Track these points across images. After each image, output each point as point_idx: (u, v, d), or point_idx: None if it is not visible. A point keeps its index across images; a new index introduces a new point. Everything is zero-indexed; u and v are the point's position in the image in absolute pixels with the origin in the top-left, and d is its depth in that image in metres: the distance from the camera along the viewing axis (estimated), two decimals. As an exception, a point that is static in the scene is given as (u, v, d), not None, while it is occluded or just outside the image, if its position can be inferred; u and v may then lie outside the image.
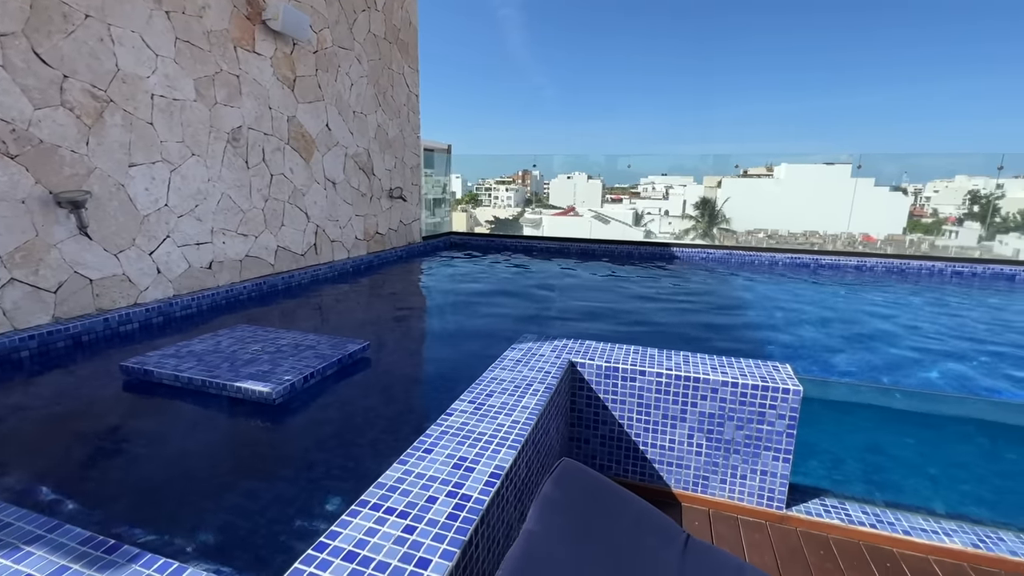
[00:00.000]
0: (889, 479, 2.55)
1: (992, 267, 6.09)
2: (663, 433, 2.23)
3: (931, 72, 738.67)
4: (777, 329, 4.43)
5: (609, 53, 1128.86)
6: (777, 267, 6.87)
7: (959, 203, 26.42)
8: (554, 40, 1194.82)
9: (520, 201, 36.20)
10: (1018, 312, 5.11)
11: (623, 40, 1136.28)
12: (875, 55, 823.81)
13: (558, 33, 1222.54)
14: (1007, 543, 1.94)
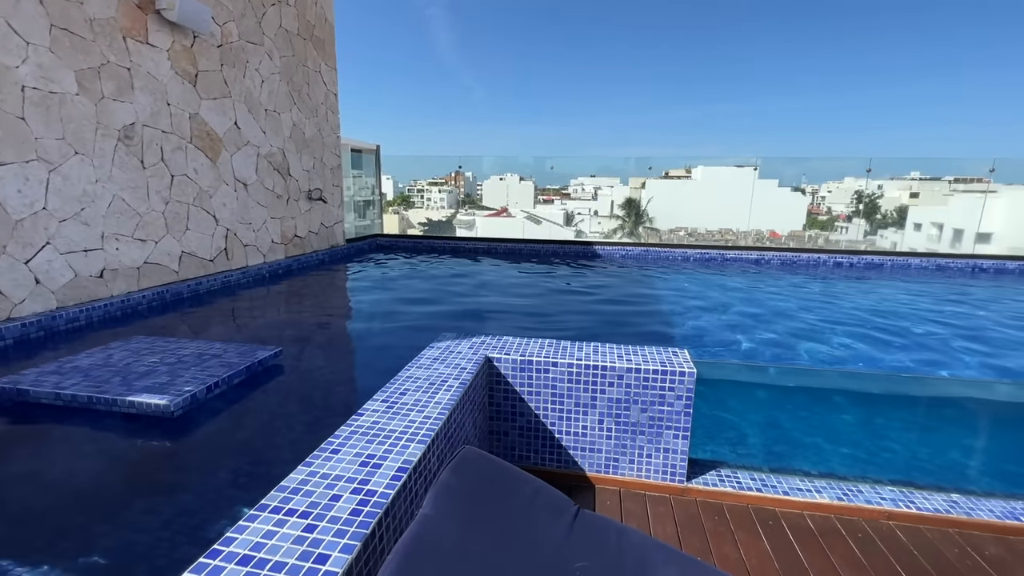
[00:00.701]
0: (776, 447, 2.85)
1: (872, 258, 6.98)
2: (576, 420, 2.35)
3: (826, 84, 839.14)
4: (684, 317, 4.78)
5: (535, 58, 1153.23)
6: (689, 262, 7.40)
7: (848, 202, 29.67)
8: (482, 42, 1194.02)
9: (453, 203, 36.02)
10: (888, 297, 5.87)
11: (549, 46, 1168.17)
12: (775, 66, 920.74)
13: (485, 35, 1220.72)
14: (864, 494, 2.24)
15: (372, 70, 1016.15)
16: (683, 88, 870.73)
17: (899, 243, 25.60)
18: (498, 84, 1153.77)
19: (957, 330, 4.47)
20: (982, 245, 20.42)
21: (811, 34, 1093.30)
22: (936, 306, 5.48)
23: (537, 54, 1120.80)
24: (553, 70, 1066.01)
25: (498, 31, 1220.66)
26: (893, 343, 4.15)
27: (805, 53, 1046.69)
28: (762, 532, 2.05)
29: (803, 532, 2.05)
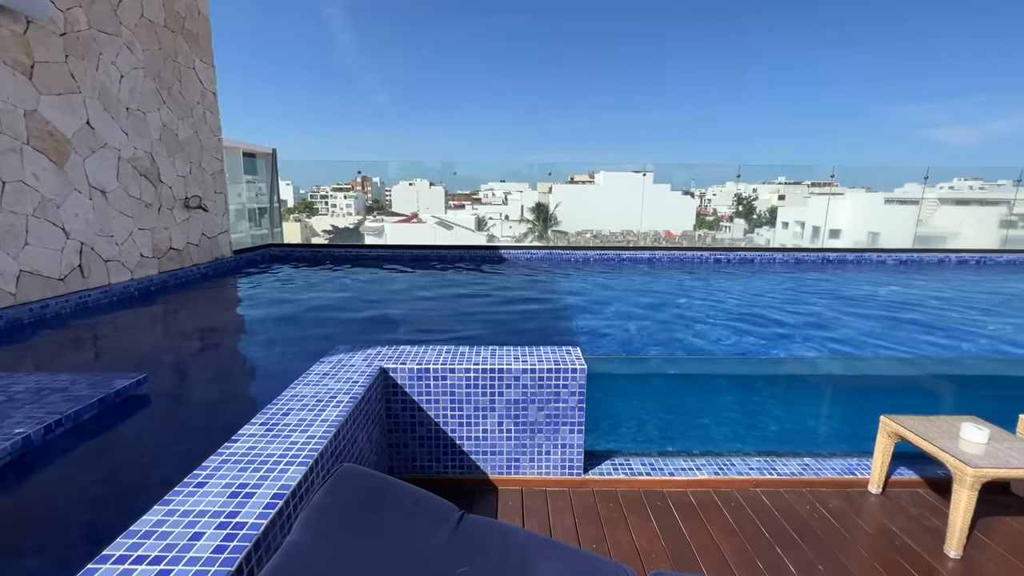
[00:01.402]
0: (666, 432, 3.08)
1: (749, 254, 7.85)
2: (476, 425, 2.35)
3: (707, 97, 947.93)
4: (582, 315, 5.02)
5: (439, 66, 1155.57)
6: (591, 263, 7.79)
7: (730, 204, 32.93)
8: (383, 46, 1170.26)
9: (361, 208, 34.68)
10: (760, 289, 6.63)
11: (452, 55, 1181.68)
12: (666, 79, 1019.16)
13: (386, 39, 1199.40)
14: (736, 467, 2.49)
15: (270, 72, 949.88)
16: (579, 99, 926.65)
17: (772, 239, 28.90)
18: (402, 89, 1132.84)
19: (807, 317, 5.16)
20: (833, 240, 23.69)
21: (690, 51, 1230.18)
22: (795, 295, 6.27)
23: (440, 63, 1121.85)
24: (456, 79, 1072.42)
25: (398, 36, 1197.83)
26: (760, 329, 4.67)
27: (688, 67, 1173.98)
28: (651, 514, 2.20)
29: (686, 508, 2.23)
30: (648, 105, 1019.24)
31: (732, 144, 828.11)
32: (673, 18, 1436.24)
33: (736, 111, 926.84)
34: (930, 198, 21.21)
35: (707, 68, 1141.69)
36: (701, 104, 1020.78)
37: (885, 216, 21.71)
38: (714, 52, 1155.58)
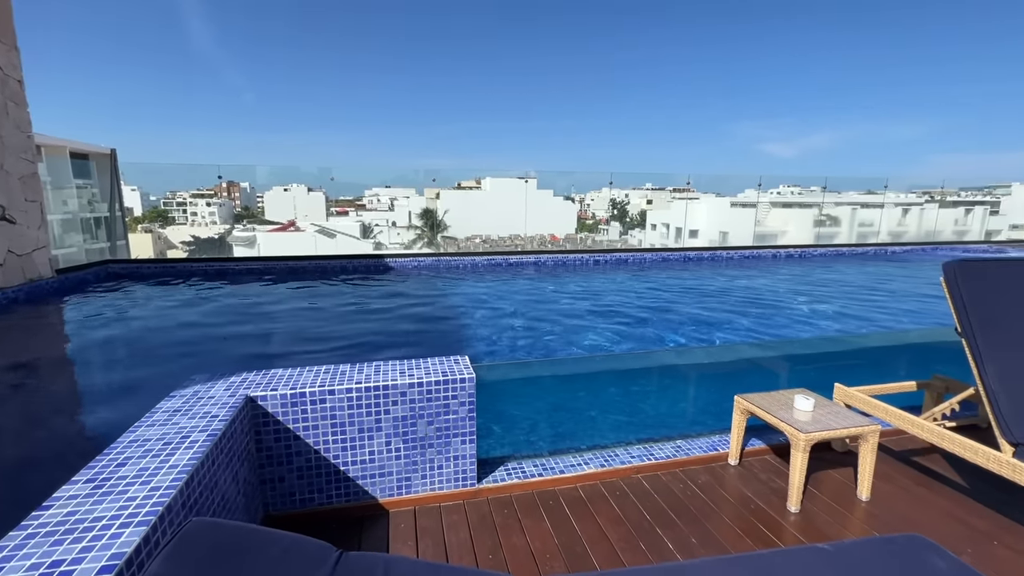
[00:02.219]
0: (556, 430, 3.18)
1: (624, 255, 8.53)
2: (362, 447, 2.21)
3: (583, 107, 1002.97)
4: (470, 322, 5.04)
5: (313, 66, 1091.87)
6: (480, 269, 7.85)
7: (606, 208, 35.31)
8: (248, 42, 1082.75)
9: (228, 217, 31.46)
10: (634, 286, 7.22)
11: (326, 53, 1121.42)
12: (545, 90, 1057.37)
13: (250, 34, 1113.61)
14: (619, 457, 2.65)
15: (114, 66, 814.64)
16: (465, 103, 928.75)
17: (643, 240, 31.63)
18: (272, 88, 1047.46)
19: (673, 309, 5.73)
20: (692, 239, 26.58)
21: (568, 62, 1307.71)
22: (664, 290, 6.94)
23: (313, 62, 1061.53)
24: (332, 78, 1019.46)
25: (268, 32, 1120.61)
26: (635, 323, 5.08)
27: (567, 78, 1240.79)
28: (544, 514, 2.24)
29: (577, 504, 2.31)
30: (531, 113, 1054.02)
31: (606, 152, 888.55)
32: (551, 35, 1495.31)
33: (610, 122, 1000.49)
34: (764, 202, 24.84)
35: (584, 80, 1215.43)
36: (578, 114, 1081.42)
37: (732, 218, 24.96)
38: (589, 66, 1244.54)
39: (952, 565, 1.36)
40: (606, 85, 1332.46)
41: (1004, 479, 2.11)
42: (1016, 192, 29.46)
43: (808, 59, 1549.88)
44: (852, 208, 23.27)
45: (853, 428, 2.25)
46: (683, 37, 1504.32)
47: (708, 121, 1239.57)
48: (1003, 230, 23.04)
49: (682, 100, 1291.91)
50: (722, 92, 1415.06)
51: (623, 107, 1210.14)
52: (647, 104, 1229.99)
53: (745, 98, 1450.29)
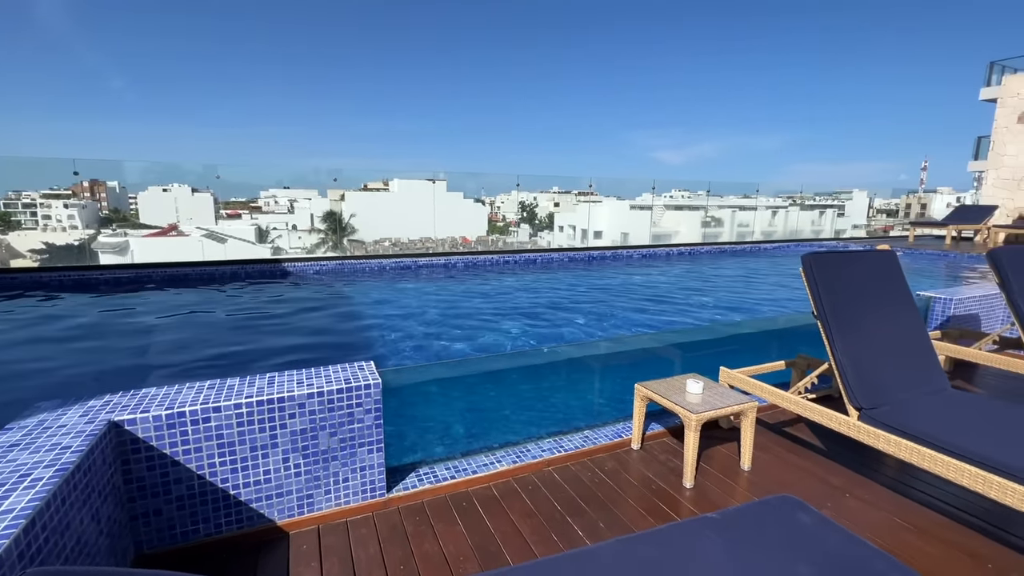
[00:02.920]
0: (470, 430, 3.16)
1: (535, 255, 8.75)
2: (255, 468, 2.02)
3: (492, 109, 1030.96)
4: (379, 325, 4.87)
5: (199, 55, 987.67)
6: (387, 272, 7.60)
7: (516, 210, 36.04)
8: (113, 20, 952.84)
9: (92, 220, 27.65)
10: (542, 285, 7.42)
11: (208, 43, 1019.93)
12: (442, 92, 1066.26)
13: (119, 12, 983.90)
14: (531, 452, 2.69)
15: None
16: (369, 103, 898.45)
17: (552, 241, 32.64)
18: (149, 74, 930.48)
19: (582, 304, 5.99)
20: (597, 240, 27.93)
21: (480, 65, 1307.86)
22: (572, 287, 7.22)
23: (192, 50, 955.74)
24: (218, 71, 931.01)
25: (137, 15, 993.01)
26: (546, 320, 5.22)
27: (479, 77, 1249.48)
28: (458, 516, 2.21)
29: (490, 502, 2.31)
30: (438, 115, 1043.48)
31: (515, 155, 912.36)
32: (461, 39, 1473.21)
33: (518, 126, 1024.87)
34: (658, 205, 26.84)
35: (495, 82, 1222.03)
36: (488, 117, 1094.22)
37: (632, 219, 26.65)
38: (503, 72, 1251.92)
39: (814, 519, 1.54)
40: (517, 92, 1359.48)
41: (853, 439, 2.46)
42: (856, 197, 34.82)
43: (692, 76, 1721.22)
44: (732, 210, 25.93)
45: (735, 406, 2.49)
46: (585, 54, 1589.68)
47: (608, 130, 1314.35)
48: (847, 229, 27.01)
49: (584, 109, 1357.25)
50: (620, 103, 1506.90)
51: (529, 112, 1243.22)
52: (554, 110, 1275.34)
53: (639, 109, 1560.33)
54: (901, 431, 2.17)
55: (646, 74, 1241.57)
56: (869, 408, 2.33)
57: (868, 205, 32.73)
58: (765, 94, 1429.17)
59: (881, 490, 2.42)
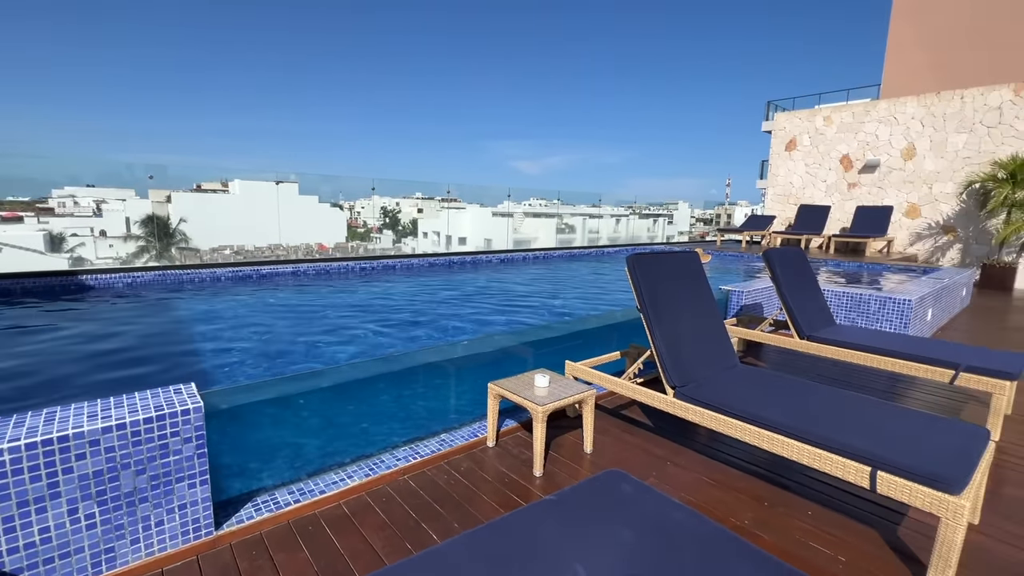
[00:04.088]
0: (324, 449, 2.95)
1: (394, 260, 8.47)
2: (27, 527, 1.64)
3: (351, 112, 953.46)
4: (207, 343, 4.31)
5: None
6: (223, 282, 6.74)
7: (378, 216, 34.65)
8: None
9: None
10: (402, 291, 7.26)
11: None
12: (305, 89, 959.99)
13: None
14: (385, 462, 2.61)
15: None
16: (202, 94, 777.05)
17: (416, 247, 32.16)
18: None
19: (442, 309, 6.01)
20: (461, 246, 28.24)
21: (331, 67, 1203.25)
22: (433, 293, 7.20)
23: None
24: None
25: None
26: (404, 329, 5.12)
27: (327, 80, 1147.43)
28: (303, 543, 2.04)
29: (340, 521, 2.18)
30: (286, 114, 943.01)
31: (372, 159, 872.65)
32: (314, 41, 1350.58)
33: (374, 129, 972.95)
34: (518, 212, 28.14)
35: (346, 83, 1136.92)
36: (342, 119, 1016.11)
37: (494, 225, 27.53)
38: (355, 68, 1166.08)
39: (636, 487, 1.75)
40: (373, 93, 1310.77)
41: (673, 415, 2.85)
42: (681, 208, 40.84)
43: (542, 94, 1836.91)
44: (583, 218, 28.34)
45: (577, 395, 2.71)
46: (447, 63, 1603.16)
47: (468, 137, 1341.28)
48: (675, 234, 31.30)
49: (445, 115, 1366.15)
50: (479, 114, 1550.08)
51: (388, 114, 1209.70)
52: (413, 116, 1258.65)
53: (497, 119, 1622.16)
54: (705, 403, 2.58)
55: (499, 90, 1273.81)
56: (681, 386, 2.73)
57: (690, 214, 38.44)
58: (608, 115, 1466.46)
59: (694, 455, 2.84)
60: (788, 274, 4.13)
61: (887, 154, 11.96)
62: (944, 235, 11.19)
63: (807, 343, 3.95)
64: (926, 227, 11.45)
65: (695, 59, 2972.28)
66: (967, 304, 7.94)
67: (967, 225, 10.84)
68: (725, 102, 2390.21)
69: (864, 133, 12.30)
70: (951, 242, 11.09)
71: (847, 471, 2.05)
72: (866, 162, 12.26)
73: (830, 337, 3.90)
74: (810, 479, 2.59)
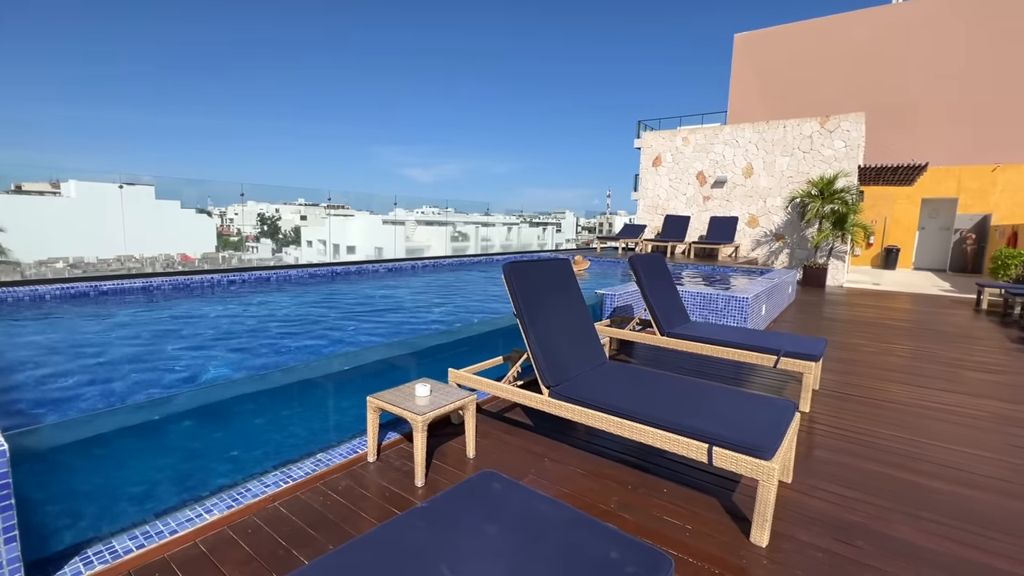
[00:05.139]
0: (177, 484, 2.64)
1: (265, 272, 7.78)
2: None
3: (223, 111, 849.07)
4: (24, 375, 3.63)
5: None
6: (46, 301, 5.67)
7: (254, 223, 31.79)
8: None
9: None
10: (268, 305, 6.74)
11: None
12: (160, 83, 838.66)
13: None
14: (252, 490, 2.42)
15: None
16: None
17: (300, 257, 30.08)
18: None
19: (319, 322, 5.71)
20: (351, 255, 27.00)
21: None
22: (316, 305, 6.79)
23: None
24: None
25: None
26: (276, 345, 4.77)
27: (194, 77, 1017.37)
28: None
29: (194, 562, 1.98)
30: (139, 106, 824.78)
31: (250, 164, 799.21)
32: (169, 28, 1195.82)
33: (249, 129, 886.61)
34: (410, 220, 27.64)
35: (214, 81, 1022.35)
36: (209, 117, 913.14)
37: (385, 234, 26.69)
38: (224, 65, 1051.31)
39: (505, 485, 1.83)
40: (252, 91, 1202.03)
41: (549, 414, 3.02)
42: (568, 217, 43.29)
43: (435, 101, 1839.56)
44: (476, 226, 28.66)
45: (458, 402, 2.76)
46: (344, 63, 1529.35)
47: (357, 142, 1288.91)
48: (563, 242, 32.98)
49: (334, 117, 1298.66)
50: (370, 119, 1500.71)
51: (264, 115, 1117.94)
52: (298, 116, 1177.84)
53: (389, 125, 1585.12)
54: (576, 400, 2.78)
55: (391, 93, 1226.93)
56: (555, 385, 2.91)
57: (576, 223, 40.75)
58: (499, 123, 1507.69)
59: (570, 450, 3.04)
60: (650, 278, 4.60)
61: (732, 172, 13.83)
62: (776, 241, 13.22)
63: (667, 339, 4.43)
64: (763, 235, 13.42)
65: (577, 78, 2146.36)
66: (793, 299, 9.46)
67: (792, 233, 12.93)
68: (606, 119, 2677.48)
69: (714, 153, 14.11)
70: (781, 247, 13.14)
71: (691, 450, 2.34)
72: (716, 178, 14.07)
73: (686, 333, 4.42)
74: (667, 460, 2.91)
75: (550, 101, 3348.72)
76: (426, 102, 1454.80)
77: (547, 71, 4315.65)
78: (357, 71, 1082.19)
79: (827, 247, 11.98)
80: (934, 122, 18.33)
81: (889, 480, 2.79)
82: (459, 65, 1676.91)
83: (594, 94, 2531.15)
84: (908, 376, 4.80)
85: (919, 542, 2.24)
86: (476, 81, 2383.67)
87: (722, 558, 2.09)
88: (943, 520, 2.41)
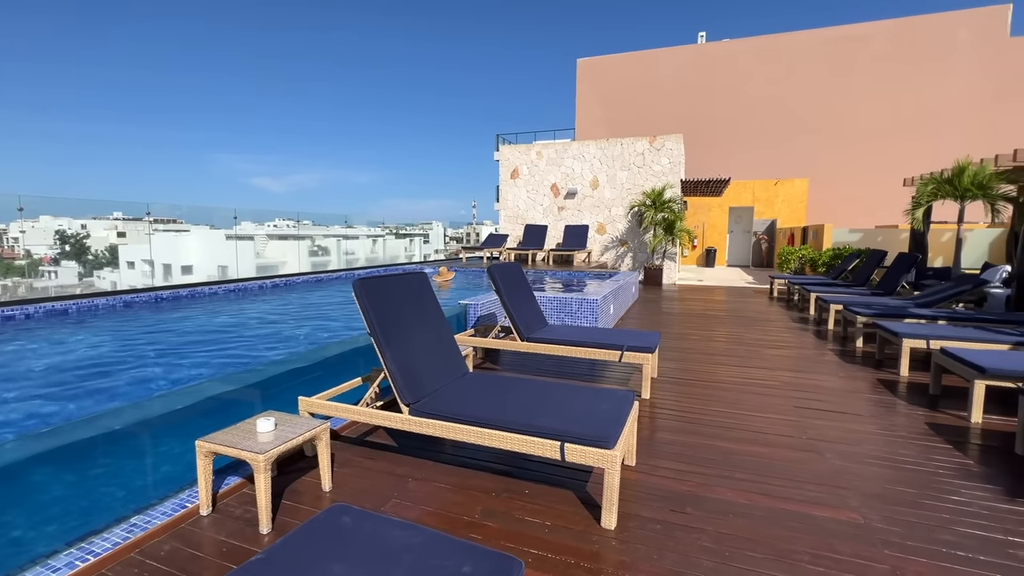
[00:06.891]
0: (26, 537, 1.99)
1: (62, 304, 6.31)
2: None
3: None
4: None
5: None
6: None
7: (52, 243, 26.12)
8: None
9: None
10: (82, 342, 5.55)
11: None
12: None
13: None
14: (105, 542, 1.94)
15: None
16: None
17: (119, 282, 25.41)
18: None
19: (133, 361, 4.86)
20: (187, 275, 23.61)
21: None
22: (127, 340, 5.75)
23: None
24: None
25: None
26: (70, 393, 3.95)
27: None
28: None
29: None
30: None
31: (42, 174, 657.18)
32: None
33: (34, 132, 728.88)
34: (260, 234, 25.07)
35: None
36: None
37: (230, 250, 23.76)
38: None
39: (357, 517, 1.73)
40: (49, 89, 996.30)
41: (412, 432, 2.93)
42: (436, 227, 43.20)
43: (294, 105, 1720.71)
44: (337, 239, 27.02)
45: (307, 433, 2.54)
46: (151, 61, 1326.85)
47: (189, 147, 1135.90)
48: (432, 253, 32.76)
49: (151, 119, 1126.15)
50: (204, 121, 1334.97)
51: (81, 119, 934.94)
52: (108, 120, 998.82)
53: (230, 129, 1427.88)
54: (436, 415, 2.75)
55: (230, 94, 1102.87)
56: (414, 402, 2.85)
57: (444, 233, 40.74)
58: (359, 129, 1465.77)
59: (435, 466, 2.99)
60: (509, 287, 4.78)
61: (581, 184, 15.09)
62: (621, 247, 14.73)
63: (527, 344, 4.63)
64: (610, 241, 14.86)
65: (436, 85, 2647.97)
66: (636, 298, 10.61)
67: (633, 239, 14.52)
68: (469, 130, 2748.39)
69: (565, 167, 15.26)
70: (625, 252, 14.67)
71: (546, 449, 2.46)
72: (568, 190, 15.22)
73: (544, 336, 4.66)
74: (528, 462, 3.02)
75: (414, 110, 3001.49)
76: (274, 104, 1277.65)
77: (409, 74, 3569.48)
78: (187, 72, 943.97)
79: (662, 250, 13.68)
80: (734, 143, 22.20)
81: (713, 450, 3.24)
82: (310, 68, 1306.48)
83: (457, 103, 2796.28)
84: (727, 358, 5.67)
85: (733, 499, 2.64)
86: (331, 84, 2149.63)
87: (576, 547, 2.23)
88: (749, 478, 2.87)
